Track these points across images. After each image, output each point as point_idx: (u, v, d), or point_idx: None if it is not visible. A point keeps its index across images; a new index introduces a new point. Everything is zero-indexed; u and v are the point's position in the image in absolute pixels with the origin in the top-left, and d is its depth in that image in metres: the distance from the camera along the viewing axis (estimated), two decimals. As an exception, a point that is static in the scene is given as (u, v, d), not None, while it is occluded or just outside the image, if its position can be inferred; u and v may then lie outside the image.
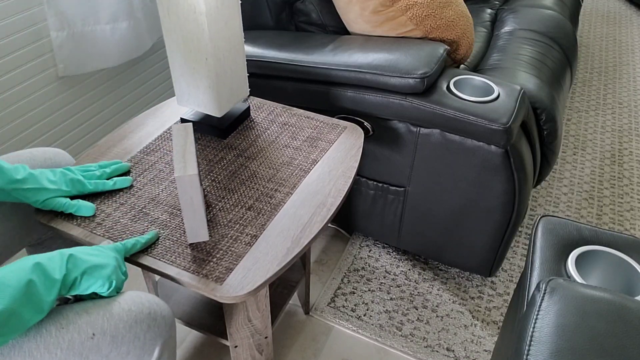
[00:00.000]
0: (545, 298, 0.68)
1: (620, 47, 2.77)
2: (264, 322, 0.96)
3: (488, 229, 1.29)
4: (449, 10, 1.35)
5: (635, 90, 2.41)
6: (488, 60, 1.59)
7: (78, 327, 0.70)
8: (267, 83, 1.36)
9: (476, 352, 1.30)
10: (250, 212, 0.91)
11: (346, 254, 1.55)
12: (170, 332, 0.79)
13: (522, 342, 0.65)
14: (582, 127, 2.16)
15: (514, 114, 1.14)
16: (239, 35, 1.04)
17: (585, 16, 3.09)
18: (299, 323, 1.36)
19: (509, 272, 1.50)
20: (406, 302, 1.41)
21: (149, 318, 0.75)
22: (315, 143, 1.08)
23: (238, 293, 0.77)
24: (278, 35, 1.42)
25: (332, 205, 0.92)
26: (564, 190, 1.83)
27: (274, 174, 1.00)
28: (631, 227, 1.68)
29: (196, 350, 1.29)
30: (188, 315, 1.11)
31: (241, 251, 0.84)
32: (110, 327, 0.71)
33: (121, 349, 0.72)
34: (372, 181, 1.39)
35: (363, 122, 1.30)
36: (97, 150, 1.06)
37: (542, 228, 0.89)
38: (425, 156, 1.26)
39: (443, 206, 1.31)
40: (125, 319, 0.73)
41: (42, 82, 1.50)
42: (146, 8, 1.69)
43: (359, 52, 1.25)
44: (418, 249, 1.46)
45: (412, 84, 1.17)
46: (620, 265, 0.81)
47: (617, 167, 1.94)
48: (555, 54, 1.63)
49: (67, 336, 0.68)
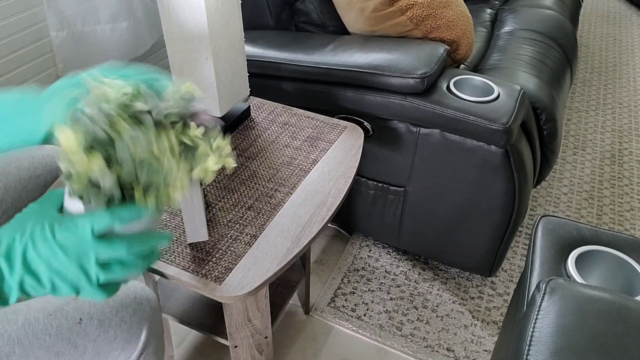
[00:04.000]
0: (545, 298, 0.68)
1: (620, 47, 2.76)
2: (264, 322, 0.96)
3: (488, 229, 1.29)
4: (449, 10, 1.35)
5: (635, 90, 2.41)
6: (488, 60, 1.59)
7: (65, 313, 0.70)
8: (268, 83, 1.36)
9: (476, 352, 1.30)
10: (250, 212, 0.91)
11: (346, 254, 1.55)
12: (156, 317, 0.79)
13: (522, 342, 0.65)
14: (582, 127, 2.16)
15: (514, 114, 1.14)
16: (239, 35, 1.04)
17: (585, 16, 3.09)
18: (299, 323, 1.36)
19: (509, 272, 1.50)
20: (406, 302, 1.41)
21: (135, 302, 0.76)
22: (316, 143, 1.08)
23: (238, 293, 0.77)
24: (278, 35, 1.42)
25: (332, 205, 0.92)
26: (564, 190, 1.83)
27: (274, 174, 1.00)
28: (631, 227, 1.68)
29: (196, 350, 1.29)
30: (188, 315, 1.11)
31: (241, 251, 0.84)
32: (97, 312, 0.72)
33: (109, 333, 0.73)
34: (372, 181, 1.39)
35: (363, 122, 1.30)
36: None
37: (542, 228, 0.89)
38: (425, 156, 1.26)
39: (443, 206, 1.31)
40: (112, 304, 0.74)
41: (42, 82, 1.50)
42: (146, 8, 1.69)
43: (359, 52, 1.25)
44: (418, 249, 1.46)
45: (412, 84, 1.17)
46: (620, 265, 0.81)
47: (617, 167, 1.94)
48: (555, 54, 1.63)
49: (54, 322, 0.69)
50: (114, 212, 0.45)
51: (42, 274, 0.45)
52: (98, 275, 0.46)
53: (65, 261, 0.44)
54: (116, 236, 0.46)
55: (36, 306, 0.70)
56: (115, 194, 0.45)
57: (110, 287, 0.48)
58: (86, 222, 0.45)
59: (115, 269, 0.46)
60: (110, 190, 0.45)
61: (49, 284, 0.45)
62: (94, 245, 0.45)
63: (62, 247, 0.44)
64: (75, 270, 0.45)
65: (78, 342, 0.70)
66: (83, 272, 0.45)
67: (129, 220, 0.46)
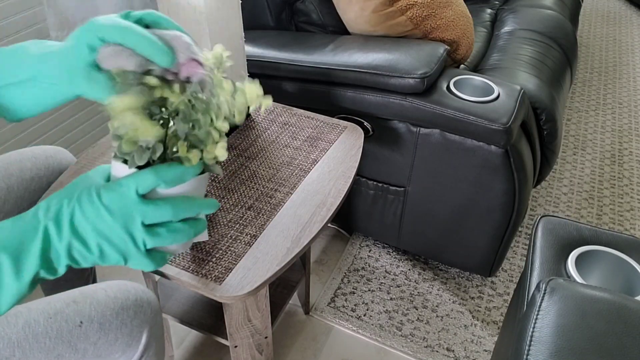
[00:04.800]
0: (545, 298, 0.68)
1: (620, 47, 2.76)
2: (264, 322, 0.96)
3: (488, 229, 1.29)
4: (449, 10, 1.35)
5: (635, 90, 2.41)
6: (488, 60, 1.59)
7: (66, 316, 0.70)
8: (268, 83, 1.36)
9: (476, 352, 1.29)
10: (250, 212, 0.91)
11: (346, 254, 1.55)
12: (156, 319, 0.79)
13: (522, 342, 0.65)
14: (582, 127, 2.16)
15: (514, 114, 1.14)
16: (239, 35, 1.04)
17: (585, 16, 3.09)
18: (299, 323, 1.36)
19: (509, 272, 1.50)
20: (406, 302, 1.41)
21: (135, 305, 0.76)
22: (316, 143, 1.08)
23: (238, 293, 0.77)
24: (278, 35, 1.42)
25: (332, 205, 0.92)
26: (564, 190, 1.83)
27: (274, 174, 1.00)
28: (631, 227, 1.68)
29: (196, 350, 1.29)
30: (188, 315, 1.11)
31: (241, 251, 0.84)
32: (97, 315, 0.72)
33: (109, 336, 0.73)
34: (372, 181, 1.39)
35: (363, 122, 1.30)
36: (97, 149, 1.06)
37: (542, 228, 0.89)
38: (425, 156, 1.26)
39: (443, 206, 1.31)
40: (112, 307, 0.74)
41: (42, 82, 1.50)
42: (146, 8, 1.69)
43: (359, 52, 1.25)
44: (418, 249, 1.46)
45: (412, 84, 1.17)
46: (620, 265, 0.81)
47: (617, 167, 1.94)
48: (555, 54, 1.63)
49: (55, 325, 0.69)
50: (158, 172, 0.44)
51: (90, 238, 0.44)
52: (144, 240, 0.45)
53: (111, 223, 0.44)
54: (161, 199, 0.46)
55: (36, 309, 0.70)
56: (157, 150, 0.45)
57: (157, 257, 0.47)
58: (130, 182, 0.44)
59: (161, 233, 0.46)
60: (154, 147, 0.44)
61: (96, 249, 0.45)
62: (139, 206, 0.44)
63: (107, 209, 0.44)
64: (121, 234, 0.44)
65: (78, 345, 0.70)
66: (129, 235, 0.45)
67: (173, 180, 0.45)
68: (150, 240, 0.45)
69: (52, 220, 0.44)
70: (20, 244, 0.43)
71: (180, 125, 0.45)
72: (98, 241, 0.44)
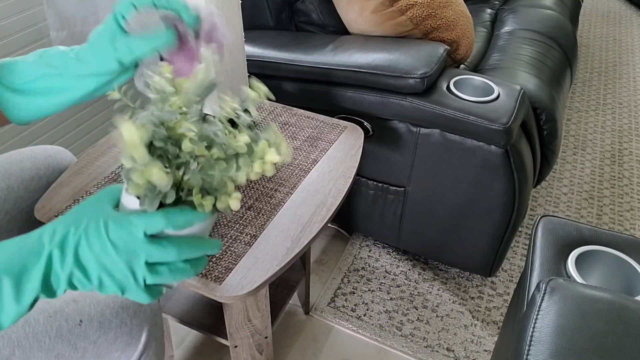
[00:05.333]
0: (545, 298, 0.68)
1: (620, 47, 2.77)
2: (264, 322, 0.96)
3: (488, 229, 1.29)
4: (449, 10, 1.35)
5: (635, 90, 2.41)
6: (488, 60, 1.59)
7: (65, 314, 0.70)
8: (267, 83, 1.35)
9: (476, 352, 1.30)
10: (250, 212, 0.91)
11: (346, 254, 1.55)
12: (156, 319, 0.79)
13: (522, 342, 0.65)
14: (582, 127, 2.16)
15: (514, 114, 1.14)
16: (239, 35, 1.04)
17: (585, 16, 3.09)
18: (299, 323, 1.36)
19: (509, 272, 1.50)
20: (406, 302, 1.41)
21: (135, 304, 0.76)
22: (315, 143, 1.08)
23: (238, 293, 0.77)
24: (278, 35, 1.43)
25: (332, 205, 0.92)
26: (564, 190, 1.83)
27: (274, 174, 1.00)
28: (631, 227, 1.68)
29: (196, 350, 1.29)
30: (188, 315, 1.11)
31: (241, 251, 0.84)
32: (97, 314, 0.72)
33: (109, 335, 0.73)
34: (372, 181, 1.39)
35: (363, 122, 1.30)
36: (97, 149, 1.06)
37: (542, 228, 0.89)
38: (425, 156, 1.26)
39: (443, 206, 1.31)
40: (112, 306, 0.74)
41: (42, 82, 1.50)
42: (146, 8, 1.69)
43: (359, 52, 1.25)
44: (418, 249, 1.46)
45: (412, 84, 1.17)
46: (620, 265, 0.81)
47: (617, 167, 1.94)
48: (555, 54, 1.63)
49: (54, 324, 0.69)
50: (169, 217, 0.45)
51: (92, 269, 0.45)
52: (145, 277, 0.46)
53: (115, 258, 0.44)
54: (167, 238, 0.46)
55: (36, 308, 0.70)
56: (169, 197, 0.45)
57: (154, 290, 0.48)
58: (140, 222, 0.45)
59: (163, 272, 0.46)
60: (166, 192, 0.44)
61: (96, 280, 0.45)
62: (145, 246, 0.45)
63: (113, 244, 0.44)
64: (123, 269, 0.45)
65: (78, 344, 0.70)
66: (131, 272, 0.45)
67: (183, 225, 0.45)
68: (151, 278, 0.46)
69: (57, 247, 0.44)
70: (23, 267, 0.44)
71: (197, 177, 0.45)
72: (99, 273, 0.45)
